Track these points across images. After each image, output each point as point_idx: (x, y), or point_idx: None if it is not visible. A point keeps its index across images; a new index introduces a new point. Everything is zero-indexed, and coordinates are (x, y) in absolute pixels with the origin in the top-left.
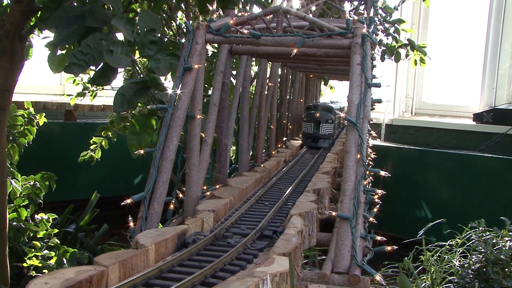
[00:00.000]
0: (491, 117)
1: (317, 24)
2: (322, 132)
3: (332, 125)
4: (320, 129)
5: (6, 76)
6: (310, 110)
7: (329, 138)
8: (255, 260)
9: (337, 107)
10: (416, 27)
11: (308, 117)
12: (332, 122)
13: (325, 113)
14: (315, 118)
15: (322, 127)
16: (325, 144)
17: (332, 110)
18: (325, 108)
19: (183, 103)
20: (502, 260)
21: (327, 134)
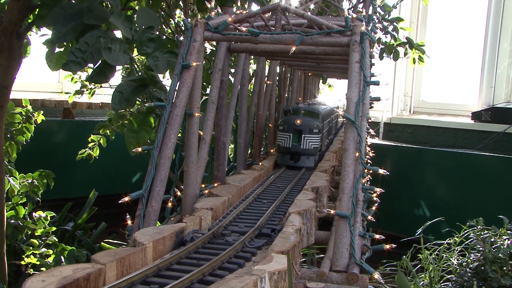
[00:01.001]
0: (489, 115)
1: (315, 22)
2: (305, 146)
3: (319, 136)
4: (302, 141)
5: (4, 73)
6: (288, 115)
7: (315, 153)
8: (254, 258)
9: (325, 109)
10: (415, 26)
11: (286, 124)
12: (319, 132)
13: (309, 120)
14: (294, 126)
15: (304, 139)
16: (308, 162)
17: (319, 114)
18: (309, 112)
19: (181, 101)
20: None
21: (312, 149)
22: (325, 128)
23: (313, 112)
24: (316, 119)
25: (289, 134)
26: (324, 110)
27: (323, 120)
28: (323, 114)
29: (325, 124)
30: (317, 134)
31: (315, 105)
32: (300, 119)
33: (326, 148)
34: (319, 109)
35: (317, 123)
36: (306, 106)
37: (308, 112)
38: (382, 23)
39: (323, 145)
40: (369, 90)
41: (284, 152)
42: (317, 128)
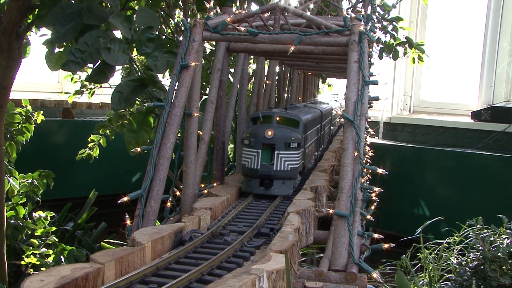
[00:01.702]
0: (489, 115)
1: (314, 22)
2: (279, 167)
3: (299, 152)
4: (275, 160)
5: (4, 73)
6: (257, 123)
7: (293, 176)
8: (252, 257)
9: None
10: (414, 25)
11: (252, 137)
12: (299, 146)
13: (285, 130)
14: (265, 139)
15: (278, 157)
16: (284, 189)
17: (299, 122)
18: (286, 119)
19: (180, 101)
20: (500, 257)
21: (289, 170)
22: (310, 140)
23: (290, 119)
24: (295, 129)
25: (257, 150)
26: (309, 114)
27: (306, 129)
28: (305, 122)
29: (311, 134)
30: (296, 149)
31: (296, 109)
32: (272, 130)
33: (314, 163)
34: (299, 115)
35: (296, 134)
36: (281, 111)
37: (284, 120)
38: (381, 23)
39: (307, 161)
40: (368, 89)
41: (250, 175)
42: (296, 141)
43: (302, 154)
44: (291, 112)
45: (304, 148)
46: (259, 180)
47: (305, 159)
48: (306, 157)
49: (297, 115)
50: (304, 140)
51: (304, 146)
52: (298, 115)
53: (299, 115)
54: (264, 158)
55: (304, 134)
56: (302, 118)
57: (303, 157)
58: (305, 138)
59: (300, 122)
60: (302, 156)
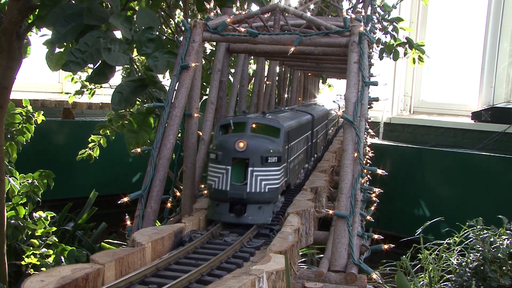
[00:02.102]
0: (489, 115)
1: (314, 22)
2: (254, 188)
3: (280, 168)
4: (249, 180)
5: (4, 74)
6: (227, 131)
7: (272, 199)
8: (252, 258)
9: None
10: (415, 26)
11: (220, 150)
12: (280, 161)
13: (262, 141)
14: (235, 153)
15: (253, 175)
16: (261, 216)
17: (279, 130)
18: (263, 127)
19: (180, 101)
20: (500, 258)
21: (267, 192)
22: (296, 151)
23: (269, 127)
24: (274, 139)
25: (226, 167)
26: (294, 120)
27: (290, 138)
28: (288, 130)
29: (297, 145)
30: (275, 165)
31: (279, 113)
32: (245, 141)
33: (303, 178)
34: (280, 122)
35: (276, 145)
36: (258, 117)
37: (261, 128)
38: (382, 23)
39: (292, 178)
40: (368, 90)
41: (218, 198)
42: (276, 154)
43: (284, 170)
44: (271, 118)
45: (287, 163)
46: (229, 204)
47: (288, 176)
48: (290, 174)
49: (277, 122)
50: (287, 153)
51: (287, 160)
52: (279, 121)
53: (280, 121)
54: (234, 177)
55: (288, 145)
56: (283, 125)
57: (286, 173)
58: (288, 150)
59: (281, 130)
60: (284, 173)
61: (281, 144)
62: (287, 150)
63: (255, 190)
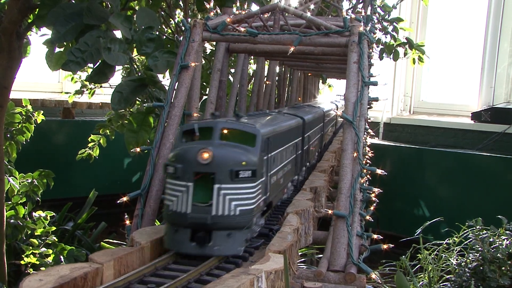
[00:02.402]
0: (489, 116)
1: (314, 22)
2: (221, 210)
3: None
4: (215, 200)
5: (4, 73)
6: (191, 138)
7: (245, 224)
8: (251, 257)
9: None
10: (415, 26)
11: (180, 162)
12: (255, 176)
13: (232, 151)
14: (198, 166)
15: (219, 194)
16: (230, 245)
17: (256, 138)
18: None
19: (179, 101)
20: (499, 258)
21: (237, 215)
22: (280, 162)
23: (243, 133)
24: (249, 148)
25: (186, 184)
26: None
27: (270, 147)
28: (268, 136)
29: (281, 154)
30: (249, 180)
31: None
32: (210, 151)
33: (289, 193)
34: (256, 127)
35: (250, 156)
36: (229, 121)
37: (233, 134)
38: (382, 23)
39: (275, 195)
40: (368, 90)
41: (177, 223)
42: (250, 167)
43: (262, 186)
44: (245, 123)
45: (266, 177)
46: (190, 231)
47: (269, 192)
48: (271, 190)
49: (253, 127)
50: (267, 165)
51: (266, 174)
52: (255, 126)
53: (257, 126)
54: (197, 196)
55: (267, 155)
56: (261, 131)
57: (265, 190)
58: (268, 161)
59: (258, 137)
60: (262, 190)
61: (257, 154)
62: (267, 162)
63: (222, 213)
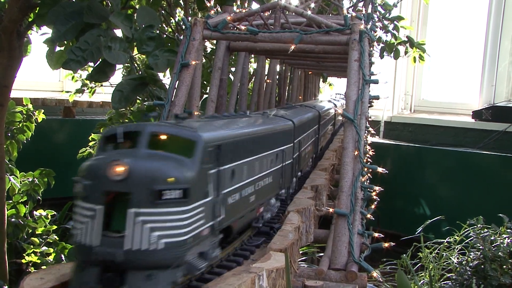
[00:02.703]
0: (490, 114)
1: (314, 21)
2: (138, 243)
3: (190, 208)
4: (130, 229)
5: (4, 72)
6: (116, 146)
7: (174, 262)
8: (252, 256)
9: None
10: (415, 24)
11: (89, 178)
12: (187, 197)
13: (155, 164)
14: (108, 183)
15: (135, 222)
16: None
17: (195, 146)
18: (171, 140)
19: (180, 99)
20: (500, 257)
21: (161, 250)
22: (249, 177)
23: (179, 139)
24: (184, 159)
25: (94, 207)
26: (235, 130)
27: (222, 157)
28: (215, 142)
29: (248, 166)
30: (179, 203)
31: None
32: (125, 164)
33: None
34: (197, 132)
35: (182, 171)
36: (165, 124)
37: (166, 140)
38: (382, 22)
39: (237, 218)
40: (369, 88)
41: (83, 258)
42: (180, 185)
43: (206, 210)
44: (185, 126)
45: (217, 196)
46: (99, 270)
47: (223, 216)
48: (230, 212)
49: (192, 132)
50: (218, 181)
51: (217, 192)
52: (196, 131)
53: (199, 131)
54: (108, 224)
55: (218, 168)
56: (202, 137)
57: (213, 214)
58: (220, 176)
59: (197, 145)
60: (206, 214)
61: (195, 167)
62: (217, 177)
63: (139, 247)
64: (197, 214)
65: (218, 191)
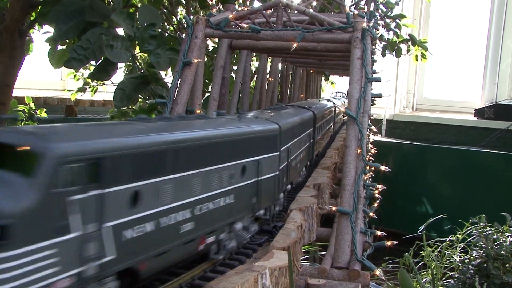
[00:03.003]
0: (492, 112)
1: (317, 18)
2: None
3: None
4: None
5: (6, 71)
6: None
7: None
8: (255, 254)
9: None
10: (417, 22)
11: None
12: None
13: None
14: None
15: None
16: None
17: (39, 160)
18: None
19: (182, 97)
20: (503, 255)
21: None
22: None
23: (14, 148)
24: (19, 180)
25: None
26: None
27: (101, 176)
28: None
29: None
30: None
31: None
32: None
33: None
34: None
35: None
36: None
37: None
38: (384, 20)
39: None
40: (371, 86)
41: None
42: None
43: (52, 255)
44: (30, 132)
45: (87, 234)
46: None
47: (89, 263)
48: (127, 251)
49: (36, 141)
50: (94, 211)
51: (94, 227)
52: (46, 138)
53: (50, 138)
54: None
55: (97, 191)
56: (54, 147)
57: (80, 259)
58: (96, 204)
59: (44, 160)
60: (59, 262)
61: (32, 192)
62: (88, 204)
63: None
64: (38, 262)
65: (98, 222)
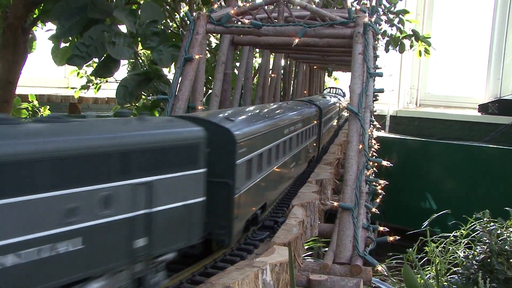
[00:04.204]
0: (496, 107)
1: (318, 14)
2: None
3: None
4: None
5: (9, 68)
6: None
7: None
8: (256, 250)
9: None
10: (421, 18)
11: None
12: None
13: None
14: None
15: None
16: None
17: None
18: None
19: (183, 94)
20: (507, 250)
21: None
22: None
23: None
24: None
25: None
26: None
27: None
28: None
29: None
30: None
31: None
32: None
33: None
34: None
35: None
36: None
37: None
38: (387, 15)
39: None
40: (373, 81)
41: None
42: None
43: None
44: None
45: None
46: None
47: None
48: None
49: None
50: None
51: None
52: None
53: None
54: None
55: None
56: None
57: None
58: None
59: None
60: None
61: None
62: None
63: None
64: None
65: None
